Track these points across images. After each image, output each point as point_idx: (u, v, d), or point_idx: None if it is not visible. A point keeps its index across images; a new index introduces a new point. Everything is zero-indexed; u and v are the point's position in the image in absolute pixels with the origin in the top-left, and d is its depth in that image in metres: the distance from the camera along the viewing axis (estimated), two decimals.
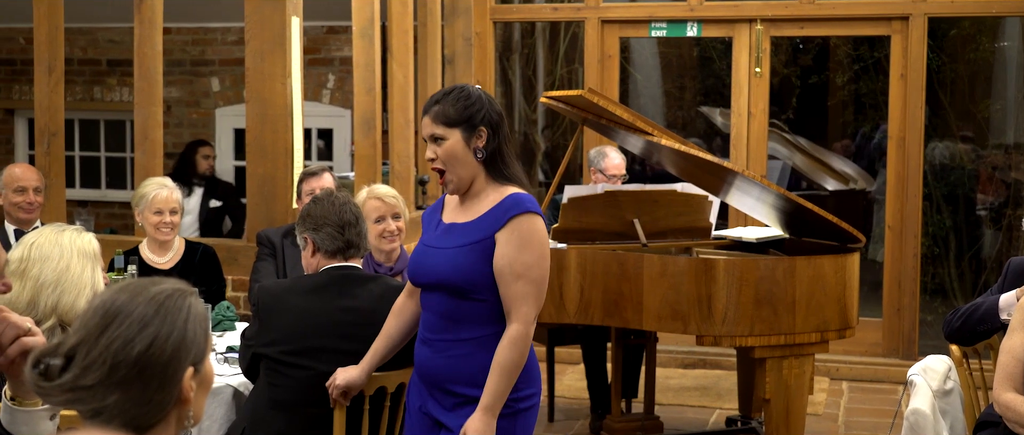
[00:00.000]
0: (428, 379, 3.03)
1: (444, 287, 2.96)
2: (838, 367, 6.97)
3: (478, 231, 2.95)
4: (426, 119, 2.98)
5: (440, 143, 2.96)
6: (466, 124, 2.95)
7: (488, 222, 2.95)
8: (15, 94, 9.31)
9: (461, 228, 2.98)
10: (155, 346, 1.65)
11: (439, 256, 2.98)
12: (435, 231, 3.05)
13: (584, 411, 6.03)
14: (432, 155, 2.98)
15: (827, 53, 10.26)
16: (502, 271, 2.92)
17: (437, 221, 3.08)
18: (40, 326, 2.76)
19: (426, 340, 3.03)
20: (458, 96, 2.97)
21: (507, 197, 2.96)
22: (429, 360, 3.01)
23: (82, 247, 2.84)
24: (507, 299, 2.92)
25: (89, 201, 9.37)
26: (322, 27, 8.62)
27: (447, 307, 2.97)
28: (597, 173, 5.89)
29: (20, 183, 5.07)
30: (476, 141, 2.96)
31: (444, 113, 2.96)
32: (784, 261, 4.58)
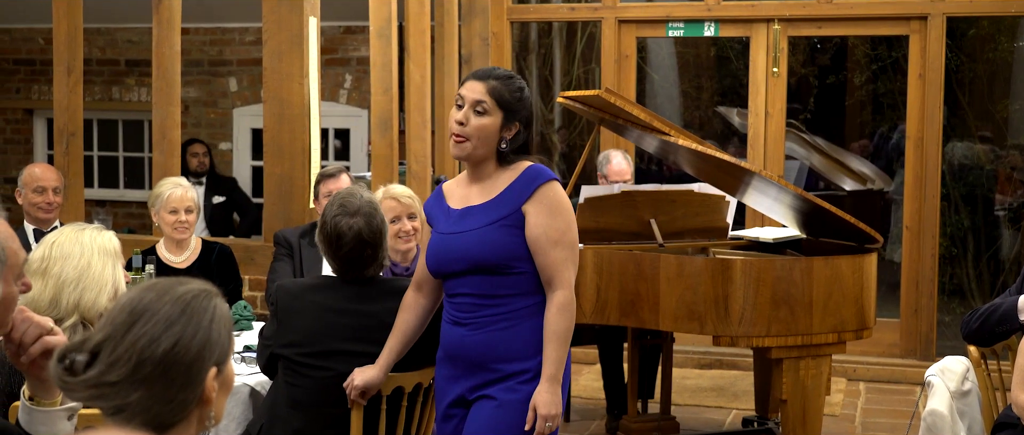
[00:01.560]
0: (465, 359, 3.06)
1: (479, 268, 3.00)
2: (855, 368, 6.96)
3: (503, 207, 3.02)
4: (477, 85, 3.01)
5: (479, 115, 3.00)
6: (510, 113, 3.02)
7: (512, 196, 3.02)
8: (34, 94, 9.36)
9: (481, 209, 3.04)
10: (180, 345, 1.67)
11: (467, 239, 3.02)
12: (448, 219, 3.09)
13: (600, 411, 6.03)
14: (462, 120, 3.00)
15: (845, 53, 10.23)
16: (538, 240, 2.99)
17: (446, 210, 3.11)
18: (62, 323, 2.78)
19: (459, 321, 3.06)
20: (517, 86, 3.05)
21: (526, 170, 3.04)
22: (464, 339, 3.05)
23: (102, 245, 2.86)
24: (547, 267, 3.00)
25: (107, 201, 9.42)
26: (339, 27, 8.64)
27: (484, 287, 3.01)
28: (602, 177, 5.89)
29: (40, 183, 5.10)
30: (506, 132, 3.03)
31: (498, 92, 3.01)
32: (801, 261, 4.57)
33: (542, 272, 3.02)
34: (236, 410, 3.74)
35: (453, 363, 3.11)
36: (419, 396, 3.43)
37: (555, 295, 3.01)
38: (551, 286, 3.02)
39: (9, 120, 9.50)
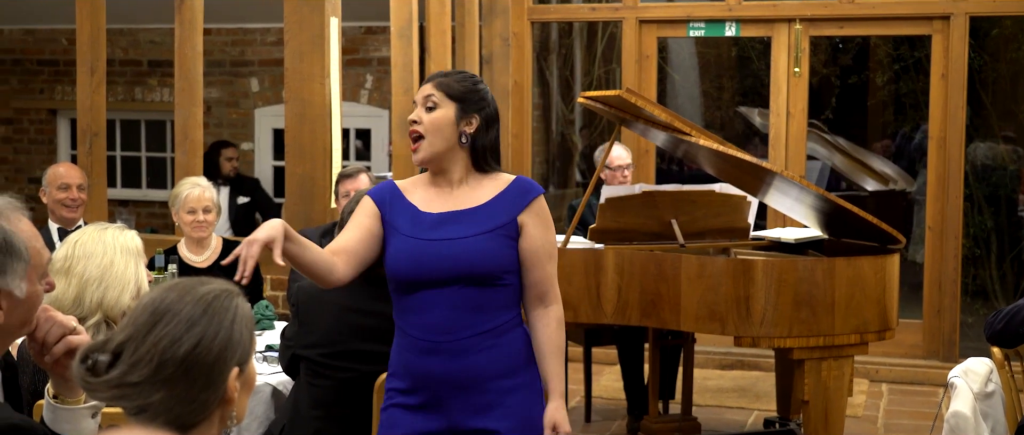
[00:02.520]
0: (452, 384, 2.85)
1: (468, 279, 2.83)
2: (878, 369, 6.93)
3: (497, 216, 2.88)
4: (427, 86, 2.91)
5: (431, 110, 2.88)
6: (463, 104, 2.89)
7: (505, 205, 2.89)
8: (58, 94, 9.42)
9: (468, 216, 2.87)
10: (202, 346, 1.67)
11: (458, 247, 2.83)
12: (418, 224, 2.86)
13: (621, 412, 6.03)
14: (416, 118, 2.89)
15: (867, 53, 10.19)
16: (537, 253, 2.91)
17: (412, 211, 2.89)
18: (85, 322, 2.79)
19: (433, 347, 2.84)
20: (467, 78, 2.94)
21: (516, 180, 2.95)
22: (445, 365, 2.84)
23: (125, 244, 2.88)
24: (542, 281, 2.93)
25: (130, 201, 9.47)
26: (360, 28, 8.66)
27: (465, 299, 2.83)
28: (606, 171, 5.86)
29: (64, 180, 5.14)
30: (465, 125, 2.89)
31: (448, 85, 2.90)
32: (823, 262, 4.55)
33: (536, 286, 2.92)
34: (258, 409, 3.75)
35: (426, 390, 2.87)
36: None
37: (551, 309, 2.95)
38: (545, 300, 2.94)
39: (33, 120, 9.56)
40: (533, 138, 7.96)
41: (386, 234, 2.89)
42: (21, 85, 9.51)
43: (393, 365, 2.94)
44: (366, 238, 2.87)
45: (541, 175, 9.30)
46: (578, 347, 5.98)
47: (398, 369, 2.91)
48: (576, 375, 6.22)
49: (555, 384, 2.96)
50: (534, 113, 8.17)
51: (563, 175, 9.94)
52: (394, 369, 2.93)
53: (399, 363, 2.91)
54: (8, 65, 9.51)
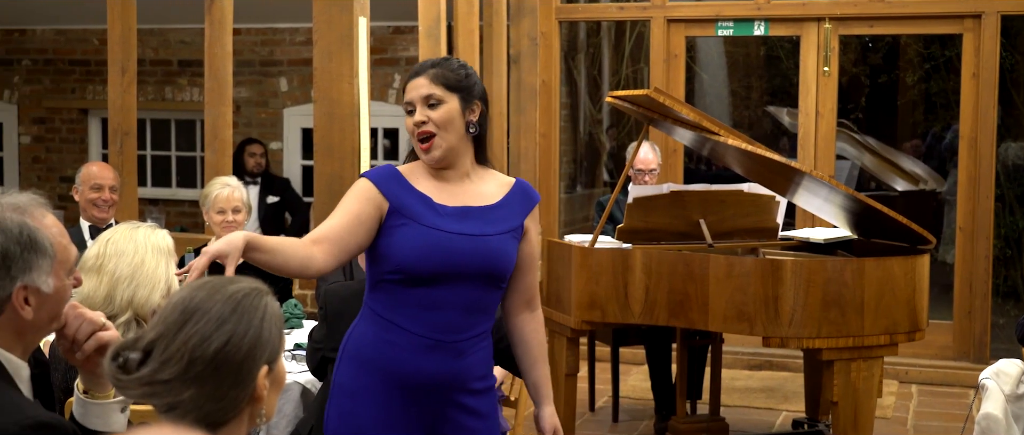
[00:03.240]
0: (448, 384, 2.74)
1: (487, 277, 2.75)
2: (907, 370, 6.88)
3: (512, 216, 2.82)
4: (420, 80, 2.76)
5: (436, 107, 2.74)
6: (465, 93, 2.78)
7: (515, 208, 2.83)
8: (89, 94, 9.49)
9: (486, 213, 2.79)
10: (231, 344, 1.68)
11: (488, 244, 2.74)
12: (439, 215, 2.74)
13: (648, 412, 6.02)
14: (423, 118, 2.73)
15: (897, 52, 10.13)
16: (532, 257, 2.88)
17: (426, 201, 2.75)
18: (116, 320, 2.82)
19: (439, 344, 2.73)
20: (458, 64, 2.81)
21: (518, 182, 2.89)
22: (443, 365, 2.73)
23: (156, 243, 2.90)
24: (531, 286, 2.90)
25: (160, 200, 9.53)
26: (388, 27, 8.68)
27: (475, 298, 2.75)
28: (631, 169, 5.86)
29: (97, 180, 5.18)
30: (470, 114, 2.78)
31: (444, 76, 2.77)
32: (852, 262, 4.53)
33: (527, 291, 2.89)
34: (287, 408, 3.77)
35: (409, 392, 2.74)
36: None
37: (537, 314, 2.93)
38: (531, 305, 2.91)
39: (65, 120, 9.64)
40: (561, 138, 7.96)
41: (391, 221, 2.72)
42: (53, 85, 9.59)
43: (366, 360, 2.74)
44: (353, 226, 2.70)
45: (569, 175, 9.29)
46: (606, 347, 5.98)
47: (398, 370, 2.72)
48: (604, 375, 6.21)
49: (547, 390, 2.95)
50: (562, 113, 8.17)
51: (591, 175, 9.93)
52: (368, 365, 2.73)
53: (399, 364, 2.73)
54: (40, 65, 9.60)
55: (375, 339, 2.74)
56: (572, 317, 4.92)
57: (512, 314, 2.92)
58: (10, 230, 1.99)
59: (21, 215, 2.03)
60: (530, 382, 2.96)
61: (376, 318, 2.75)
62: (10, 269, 1.98)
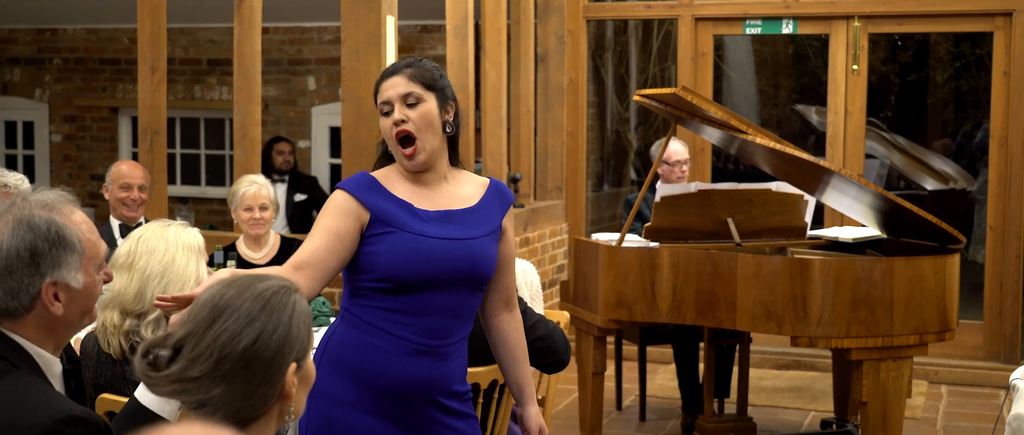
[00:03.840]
0: (433, 389, 2.70)
1: (473, 280, 2.71)
2: (937, 370, 6.84)
3: (490, 218, 2.78)
4: (397, 79, 2.69)
5: (415, 106, 2.68)
6: (440, 92, 2.73)
7: (492, 209, 2.79)
8: (119, 93, 9.56)
9: (466, 216, 2.75)
10: (260, 341, 1.69)
11: (471, 248, 2.70)
12: (421, 220, 2.69)
13: (675, 411, 6.01)
14: (402, 117, 2.66)
15: (927, 50, 10.07)
16: (510, 257, 2.85)
17: (407, 207, 2.70)
18: (146, 317, 2.84)
19: (425, 350, 2.68)
20: (431, 65, 2.76)
21: (492, 182, 2.85)
22: (430, 369, 2.68)
23: (187, 241, 2.91)
24: (510, 285, 2.87)
25: (189, 198, 9.59)
26: (416, 26, 8.70)
27: (459, 303, 2.71)
28: (663, 166, 5.84)
29: (126, 180, 5.21)
30: (446, 113, 2.73)
31: (421, 75, 2.70)
32: (882, 262, 4.51)
33: (505, 290, 2.86)
34: None
35: (394, 399, 2.69)
36: (495, 393, 3.44)
37: (515, 313, 2.90)
38: (510, 305, 2.89)
39: (95, 118, 9.71)
40: (588, 136, 7.95)
41: (374, 230, 2.66)
42: (84, 83, 9.66)
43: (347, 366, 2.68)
44: (333, 245, 2.63)
45: (596, 173, 9.28)
46: (633, 346, 5.97)
47: (387, 376, 2.67)
48: (631, 374, 6.20)
49: (530, 389, 2.93)
50: (589, 111, 8.16)
51: (618, 173, 9.92)
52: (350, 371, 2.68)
53: (387, 369, 2.67)
54: (71, 64, 9.67)
55: (359, 344, 2.68)
56: (599, 316, 4.91)
57: (492, 315, 2.89)
58: (38, 227, 2.01)
59: (50, 212, 2.04)
60: (512, 381, 2.94)
61: (361, 324, 2.68)
62: (39, 266, 2.00)
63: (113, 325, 2.85)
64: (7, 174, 3.56)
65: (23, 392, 1.95)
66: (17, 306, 2.00)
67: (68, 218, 2.06)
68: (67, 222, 2.05)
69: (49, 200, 2.07)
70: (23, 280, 1.99)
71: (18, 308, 2.01)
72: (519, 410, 2.96)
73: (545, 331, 3.47)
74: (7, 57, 9.79)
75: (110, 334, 2.85)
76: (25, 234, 2.00)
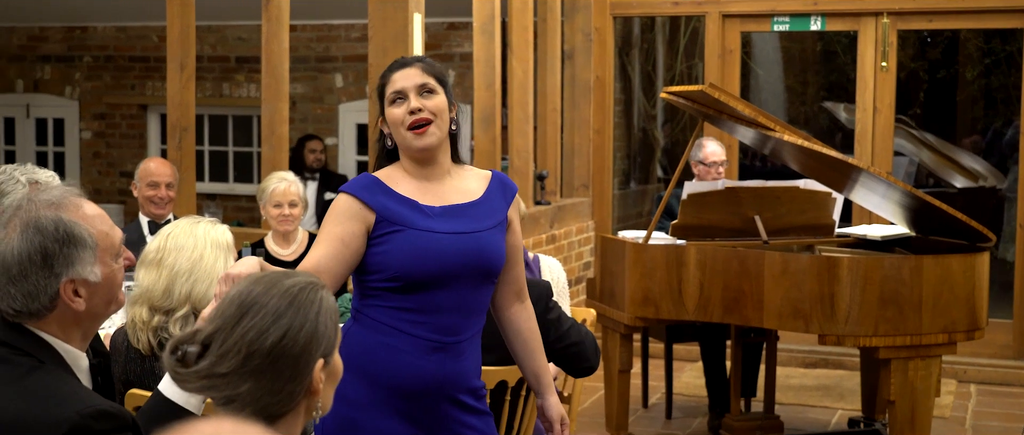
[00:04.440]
0: (449, 386, 2.70)
1: (484, 274, 2.71)
2: (966, 369, 6.80)
3: (496, 211, 2.77)
4: (412, 71, 2.70)
5: (430, 96, 2.69)
6: (447, 89, 2.75)
7: (496, 200, 2.78)
8: (148, 90, 9.62)
9: (471, 209, 2.74)
10: (288, 338, 1.70)
11: (475, 241, 2.69)
12: (426, 216, 2.68)
13: (702, 409, 5.99)
14: (419, 106, 2.67)
15: (956, 46, 10.00)
16: (517, 248, 2.84)
17: (412, 204, 2.69)
18: (174, 314, 2.85)
19: (440, 347, 2.68)
20: (437, 63, 2.81)
21: (494, 174, 2.84)
22: (444, 367, 2.68)
23: (215, 238, 2.93)
24: (519, 277, 2.86)
25: (217, 194, 9.64)
26: (443, 23, 8.71)
27: (470, 298, 2.70)
28: (698, 165, 5.83)
29: (153, 178, 5.23)
30: (452, 111, 2.76)
31: (433, 70, 2.73)
32: (910, 260, 4.48)
33: (515, 282, 2.84)
34: None
35: (410, 398, 2.69)
36: (522, 390, 3.44)
37: (527, 304, 2.89)
38: (521, 296, 2.87)
39: (124, 115, 9.78)
40: (615, 134, 7.94)
41: (381, 230, 2.65)
42: (113, 81, 9.73)
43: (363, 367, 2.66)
44: (339, 252, 2.63)
45: (623, 171, 9.27)
46: (659, 343, 5.96)
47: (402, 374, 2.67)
48: (657, 371, 6.19)
49: (548, 379, 2.92)
50: (616, 109, 8.15)
51: (645, 171, 9.90)
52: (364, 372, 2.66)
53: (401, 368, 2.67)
54: (101, 61, 9.74)
55: (373, 345, 2.67)
56: (626, 313, 4.91)
57: (503, 308, 2.87)
58: (46, 229, 2.00)
59: (57, 211, 2.02)
60: (529, 372, 2.92)
61: (374, 324, 2.68)
62: (53, 267, 1.99)
63: (142, 321, 2.86)
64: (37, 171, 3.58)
65: (50, 387, 1.96)
66: (38, 307, 2.00)
67: (76, 213, 2.04)
68: (75, 218, 2.03)
69: (55, 198, 2.05)
70: (39, 283, 1.99)
71: (40, 308, 2.01)
72: (538, 401, 2.95)
73: (578, 337, 3.46)
74: (38, 55, 9.87)
75: (139, 330, 2.87)
76: (34, 237, 1.99)
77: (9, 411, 1.92)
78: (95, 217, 2.07)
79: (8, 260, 1.99)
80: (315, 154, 8.15)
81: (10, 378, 1.97)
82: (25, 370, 1.98)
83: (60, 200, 2.05)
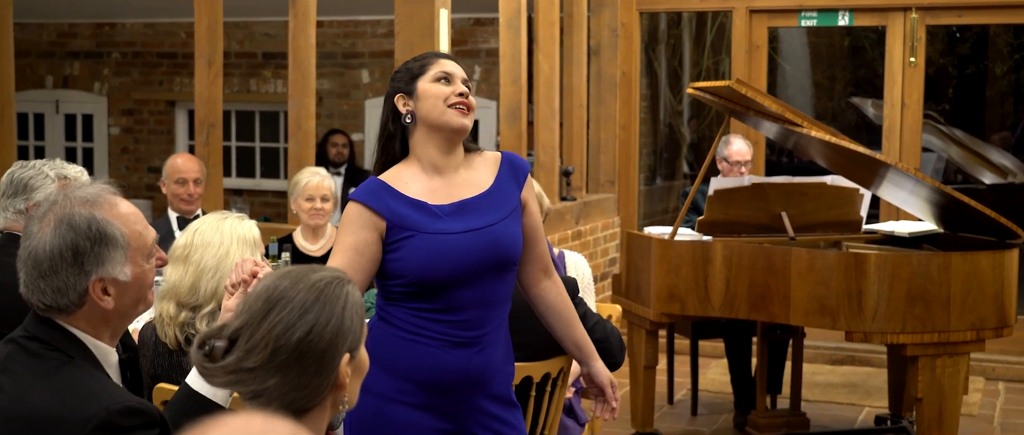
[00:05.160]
0: (477, 377, 2.70)
1: (501, 266, 2.70)
2: (994, 367, 6.75)
3: (509, 197, 2.75)
4: (451, 65, 2.75)
5: (470, 92, 2.77)
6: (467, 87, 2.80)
7: (508, 185, 2.76)
8: (176, 86, 9.67)
9: (483, 201, 2.72)
10: (314, 332, 1.71)
11: (487, 235, 2.67)
12: (438, 217, 2.67)
13: (727, 405, 5.98)
14: (464, 91, 2.72)
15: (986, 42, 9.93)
16: (537, 227, 2.83)
17: (421, 206, 2.67)
18: (200, 310, 2.87)
19: (464, 343, 2.68)
20: None
21: (503, 155, 2.82)
22: (471, 360, 2.68)
23: (242, 234, 2.94)
24: (544, 254, 2.84)
25: (244, 190, 9.69)
26: (469, 19, 8.71)
27: (490, 292, 2.70)
28: (722, 162, 5.82)
29: (181, 175, 5.24)
30: None
31: (464, 69, 2.80)
32: (938, 256, 4.46)
33: (540, 259, 2.83)
34: None
35: (439, 393, 2.69)
36: (547, 386, 3.44)
37: (555, 278, 2.88)
38: (548, 272, 2.86)
39: (153, 111, 9.84)
40: (641, 129, 7.93)
41: (394, 237, 2.65)
42: (141, 77, 9.79)
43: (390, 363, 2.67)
44: (355, 261, 2.63)
45: (649, 167, 9.25)
46: (685, 339, 5.95)
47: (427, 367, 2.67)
48: (682, 368, 6.18)
49: (590, 346, 2.92)
50: (642, 104, 8.13)
51: (671, 167, 9.88)
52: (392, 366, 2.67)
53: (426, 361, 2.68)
54: (129, 58, 9.80)
55: (399, 339, 2.68)
56: (651, 309, 4.90)
57: (532, 286, 2.86)
58: (79, 226, 2.01)
59: (91, 208, 2.03)
60: (571, 343, 2.91)
61: (399, 324, 2.69)
62: (83, 264, 2.01)
63: (169, 316, 2.88)
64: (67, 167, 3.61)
65: (79, 383, 1.97)
66: (67, 303, 2.02)
67: (110, 212, 2.05)
68: (109, 217, 2.04)
69: (90, 195, 2.06)
70: (69, 279, 2.00)
71: (68, 304, 2.02)
72: (584, 369, 2.94)
73: (603, 334, 3.47)
74: (67, 51, 9.95)
75: (166, 325, 2.89)
76: (66, 233, 2.00)
77: (39, 406, 1.94)
78: (129, 216, 2.08)
79: (40, 255, 2.01)
80: (337, 148, 8.17)
81: (40, 373, 1.99)
82: (55, 365, 2.00)
83: (95, 198, 2.06)
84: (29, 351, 2.02)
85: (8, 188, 3.44)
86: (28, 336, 2.05)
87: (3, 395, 1.98)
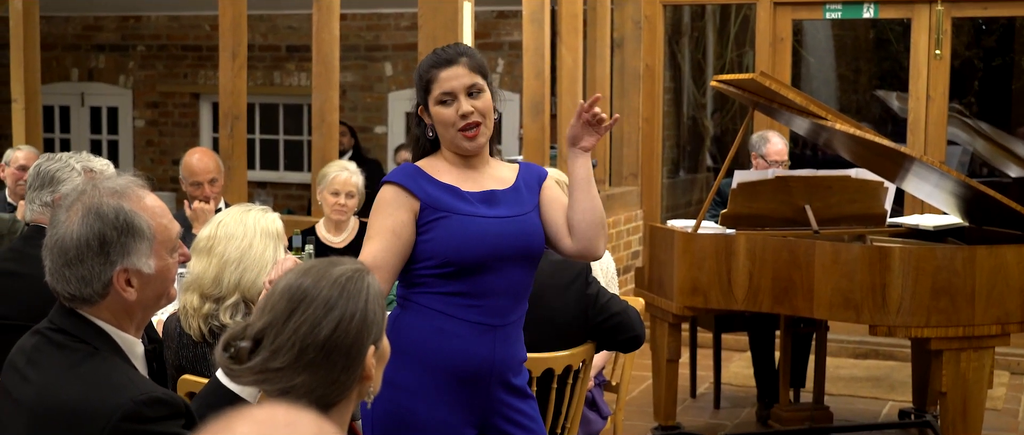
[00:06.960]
0: (499, 368, 2.73)
1: (526, 255, 2.73)
2: (1020, 361, 6.71)
3: (530, 196, 2.79)
4: (459, 70, 2.71)
5: (478, 96, 2.72)
6: (490, 81, 2.78)
7: (529, 187, 2.80)
8: (200, 79, 9.72)
9: (510, 195, 2.77)
10: (340, 328, 1.71)
11: (519, 224, 2.72)
12: (469, 202, 2.71)
13: (750, 399, 5.96)
14: (470, 109, 2.69)
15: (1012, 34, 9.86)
16: (556, 200, 2.81)
17: (453, 190, 2.71)
18: (224, 302, 2.88)
19: (491, 330, 2.71)
20: (477, 51, 2.80)
21: (521, 165, 2.85)
22: (495, 349, 2.71)
23: (266, 227, 2.95)
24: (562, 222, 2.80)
25: (268, 183, 9.73)
26: (493, 12, 8.71)
27: (517, 280, 2.73)
28: (758, 158, 5.79)
29: (196, 178, 5.07)
30: (495, 101, 2.80)
31: (477, 64, 2.74)
32: (963, 250, 4.43)
33: (562, 225, 2.77)
34: None
35: (462, 382, 2.71)
36: (569, 378, 3.44)
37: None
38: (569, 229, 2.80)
39: (177, 104, 9.89)
40: (664, 122, 7.91)
41: (427, 217, 2.68)
42: (166, 70, 9.84)
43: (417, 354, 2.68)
44: (393, 244, 2.66)
45: (672, 160, 9.23)
46: (708, 333, 5.94)
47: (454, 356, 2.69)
48: (705, 361, 6.17)
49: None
50: (665, 97, 8.11)
51: (694, 160, 9.85)
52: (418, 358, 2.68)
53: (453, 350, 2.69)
54: (154, 51, 9.85)
55: (427, 331, 2.68)
56: (674, 302, 4.90)
57: (560, 239, 2.79)
58: (106, 215, 2.02)
59: (119, 199, 2.05)
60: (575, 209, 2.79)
61: (425, 311, 2.69)
62: (109, 254, 2.02)
63: (193, 308, 2.90)
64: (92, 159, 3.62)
65: (105, 374, 1.98)
66: (91, 293, 2.03)
67: (137, 204, 2.06)
68: (136, 208, 2.05)
69: (119, 186, 2.08)
70: (94, 268, 2.01)
71: (92, 295, 2.03)
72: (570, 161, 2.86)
73: (620, 307, 3.46)
74: (93, 44, 10.01)
75: (190, 316, 2.90)
76: (94, 223, 2.02)
77: (66, 398, 1.95)
78: (156, 209, 2.09)
79: (66, 243, 2.03)
80: (342, 137, 8.17)
81: (67, 364, 2.00)
82: (81, 357, 2.01)
83: (123, 189, 2.07)
84: (56, 343, 2.04)
85: (35, 181, 3.46)
86: (54, 328, 2.06)
87: (31, 387, 2.00)
